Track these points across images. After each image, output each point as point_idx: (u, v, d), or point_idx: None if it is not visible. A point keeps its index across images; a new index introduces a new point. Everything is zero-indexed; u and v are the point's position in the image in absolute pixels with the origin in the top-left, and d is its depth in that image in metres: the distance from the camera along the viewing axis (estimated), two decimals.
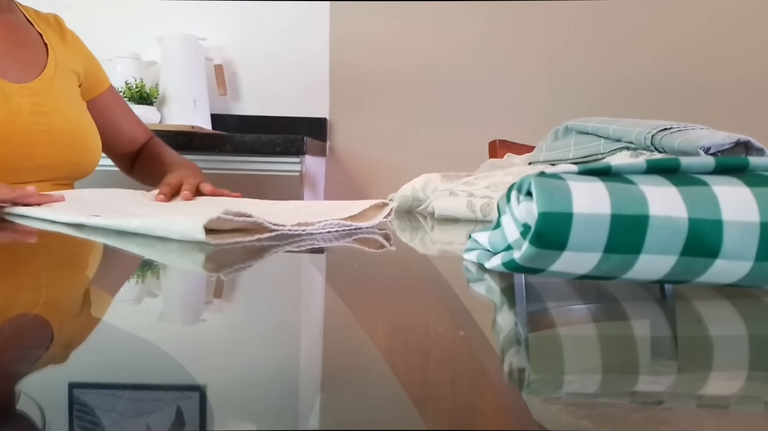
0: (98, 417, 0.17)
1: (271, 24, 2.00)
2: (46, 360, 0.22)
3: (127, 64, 1.79)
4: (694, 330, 0.30)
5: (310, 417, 0.18)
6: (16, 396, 0.19)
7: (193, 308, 0.32)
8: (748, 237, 0.28)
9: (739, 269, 0.29)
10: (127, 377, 0.20)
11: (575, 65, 1.98)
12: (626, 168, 0.31)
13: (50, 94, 0.90)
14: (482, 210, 0.70)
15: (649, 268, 0.29)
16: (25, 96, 0.86)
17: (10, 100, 0.84)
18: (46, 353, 0.23)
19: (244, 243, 0.49)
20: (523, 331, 0.27)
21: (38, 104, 0.87)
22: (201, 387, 0.19)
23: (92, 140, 0.96)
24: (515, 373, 0.22)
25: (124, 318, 0.29)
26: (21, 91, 0.86)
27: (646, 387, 0.22)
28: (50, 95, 0.89)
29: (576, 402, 0.20)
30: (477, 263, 0.38)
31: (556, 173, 0.30)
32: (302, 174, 1.58)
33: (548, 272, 0.30)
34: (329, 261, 0.47)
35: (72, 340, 0.25)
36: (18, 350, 0.23)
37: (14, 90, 0.85)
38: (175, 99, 1.80)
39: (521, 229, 0.31)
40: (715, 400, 0.21)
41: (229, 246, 0.48)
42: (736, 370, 0.24)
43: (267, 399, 0.19)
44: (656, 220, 0.28)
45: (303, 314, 0.31)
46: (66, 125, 0.90)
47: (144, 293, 0.35)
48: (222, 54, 1.95)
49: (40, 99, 0.87)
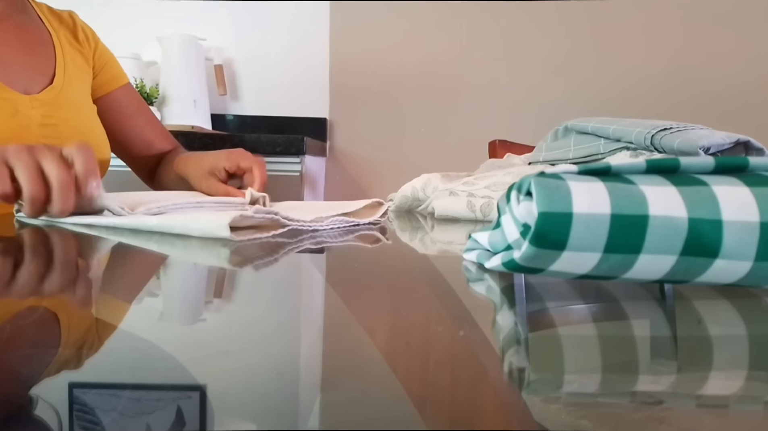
0: (98, 416, 0.17)
1: (271, 24, 2.00)
2: (47, 361, 0.22)
3: (127, 65, 1.79)
4: (694, 329, 0.30)
5: (310, 417, 0.18)
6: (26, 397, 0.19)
7: (193, 308, 0.32)
8: (748, 237, 0.28)
9: (739, 269, 0.29)
10: (128, 376, 0.20)
11: (575, 65, 1.98)
12: (626, 168, 0.31)
13: (60, 105, 0.88)
14: (482, 210, 0.70)
15: (648, 268, 0.29)
16: (35, 108, 0.84)
17: (20, 113, 0.82)
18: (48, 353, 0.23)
19: (261, 239, 0.52)
20: (523, 331, 0.27)
21: (48, 116, 0.85)
22: (201, 387, 0.19)
23: (102, 150, 0.94)
24: (515, 373, 0.22)
25: (123, 318, 0.29)
26: (31, 103, 0.84)
27: (646, 386, 0.22)
28: (60, 106, 0.88)
29: (576, 401, 0.20)
30: (477, 263, 0.38)
31: (556, 173, 0.30)
32: (302, 174, 1.58)
33: (548, 272, 0.30)
34: (329, 261, 0.47)
35: (75, 340, 0.25)
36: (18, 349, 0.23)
37: (24, 102, 0.83)
38: (175, 99, 1.80)
39: (521, 229, 0.31)
40: (714, 400, 0.21)
41: (250, 242, 0.50)
42: (736, 370, 0.24)
43: (267, 398, 0.19)
44: (656, 220, 0.28)
45: (303, 314, 0.31)
46: (75, 137, 0.88)
47: (144, 293, 0.35)
48: (222, 54, 1.95)
49: (50, 110, 0.86)
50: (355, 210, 0.66)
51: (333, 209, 0.65)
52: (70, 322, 0.28)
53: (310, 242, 0.52)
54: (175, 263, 0.46)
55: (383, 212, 0.67)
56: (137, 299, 0.34)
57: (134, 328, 0.27)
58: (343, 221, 0.63)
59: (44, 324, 0.27)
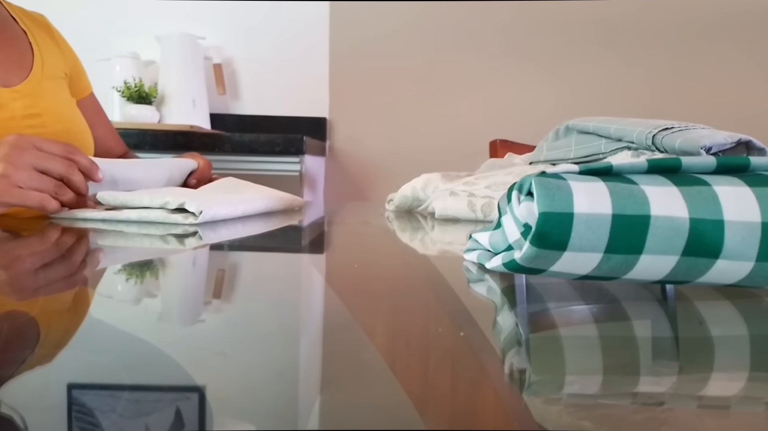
0: (97, 418, 0.17)
1: (270, 23, 2.00)
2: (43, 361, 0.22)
3: (125, 64, 1.79)
4: (696, 330, 0.29)
5: (310, 417, 0.18)
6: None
7: (192, 309, 0.32)
8: (750, 237, 0.28)
9: (741, 270, 0.29)
10: (126, 378, 0.20)
11: (576, 65, 1.98)
12: (627, 168, 0.31)
13: (40, 95, 0.90)
14: (483, 210, 0.70)
15: (650, 268, 0.29)
16: (17, 99, 0.86)
17: (3, 106, 0.84)
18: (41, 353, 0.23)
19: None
20: (523, 332, 0.27)
21: (30, 106, 0.87)
22: (200, 388, 0.19)
23: (86, 137, 0.97)
24: (516, 374, 0.22)
25: (123, 318, 0.29)
26: (12, 95, 0.86)
27: (648, 387, 0.21)
28: (41, 96, 0.89)
29: (577, 403, 0.19)
30: (477, 264, 0.38)
31: (557, 173, 0.30)
32: (302, 174, 1.58)
33: (549, 272, 0.30)
34: (329, 261, 0.47)
35: (70, 340, 0.25)
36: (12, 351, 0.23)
37: (6, 94, 0.85)
38: (174, 98, 1.80)
39: (522, 229, 0.31)
40: (716, 401, 0.21)
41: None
42: (738, 371, 0.24)
43: (267, 399, 0.19)
44: (657, 220, 0.28)
45: (303, 315, 0.31)
46: (59, 125, 0.90)
47: (143, 294, 0.35)
48: (221, 53, 1.95)
49: (31, 101, 0.87)
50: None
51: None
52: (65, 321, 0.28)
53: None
54: (175, 263, 0.46)
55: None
56: (123, 300, 0.34)
57: (133, 329, 0.27)
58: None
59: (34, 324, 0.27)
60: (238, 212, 0.69)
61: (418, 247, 0.59)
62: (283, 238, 0.63)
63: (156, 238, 0.54)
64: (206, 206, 0.62)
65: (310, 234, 0.67)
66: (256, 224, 0.67)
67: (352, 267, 0.44)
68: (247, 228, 0.63)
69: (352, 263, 0.46)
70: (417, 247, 0.59)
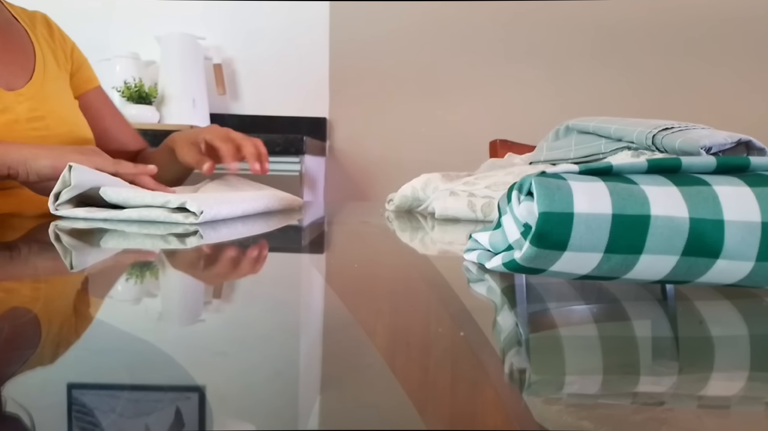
0: (97, 417, 0.17)
1: (270, 23, 2.00)
2: (43, 361, 0.22)
3: (125, 64, 1.79)
4: (696, 330, 0.29)
5: (310, 417, 0.18)
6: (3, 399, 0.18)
7: (192, 309, 0.32)
8: (750, 237, 0.28)
9: (741, 270, 0.29)
10: (126, 377, 0.20)
11: (576, 65, 1.98)
12: (627, 168, 0.31)
13: (44, 97, 0.89)
14: (483, 210, 0.70)
15: (650, 268, 0.29)
16: (21, 102, 0.86)
17: (8, 109, 0.83)
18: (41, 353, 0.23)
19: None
20: (523, 332, 0.27)
21: (34, 109, 0.87)
22: (200, 388, 0.19)
23: (88, 140, 0.96)
24: (516, 374, 0.22)
25: (122, 318, 0.29)
26: (17, 98, 0.85)
27: (648, 387, 0.21)
28: (44, 99, 0.89)
29: (577, 403, 0.19)
30: (477, 264, 0.38)
31: (557, 173, 0.30)
32: (302, 174, 1.58)
33: (549, 272, 0.30)
34: (329, 261, 0.47)
35: (69, 340, 0.25)
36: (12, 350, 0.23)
37: (10, 98, 0.84)
38: (174, 98, 1.80)
39: (522, 229, 0.31)
40: (716, 401, 0.21)
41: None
42: (738, 371, 0.24)
43: (267, 399, 0.19)
44: (657, 220, 0.28)
45: (303, 315, 0.31)
46: (63, 127, 0.90)
47: (143, 293, 0.35)
48: (221, 53, 1.95)
49: (35, 104, 0.87)
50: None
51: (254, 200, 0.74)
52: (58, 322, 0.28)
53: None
54: (175, 262, 0.46)
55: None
56: (123, 300, 0.34)
57: (133, 329, 0.27)
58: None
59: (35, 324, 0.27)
60: (239, 211, 0.69)
61: (418, 247, 0.59)
62: (283, 238, 0.63)
63: (157, 237, 0.54)
64: (207, 206, 0.62)
65: (310, 234, 0.67)
66: (256, 223, 0.67)
67: (352, 267, 0.44)
68: (247, 228, 0.63)
69: (352, 263, 0.46)
70: (417, 247, 0.59)
